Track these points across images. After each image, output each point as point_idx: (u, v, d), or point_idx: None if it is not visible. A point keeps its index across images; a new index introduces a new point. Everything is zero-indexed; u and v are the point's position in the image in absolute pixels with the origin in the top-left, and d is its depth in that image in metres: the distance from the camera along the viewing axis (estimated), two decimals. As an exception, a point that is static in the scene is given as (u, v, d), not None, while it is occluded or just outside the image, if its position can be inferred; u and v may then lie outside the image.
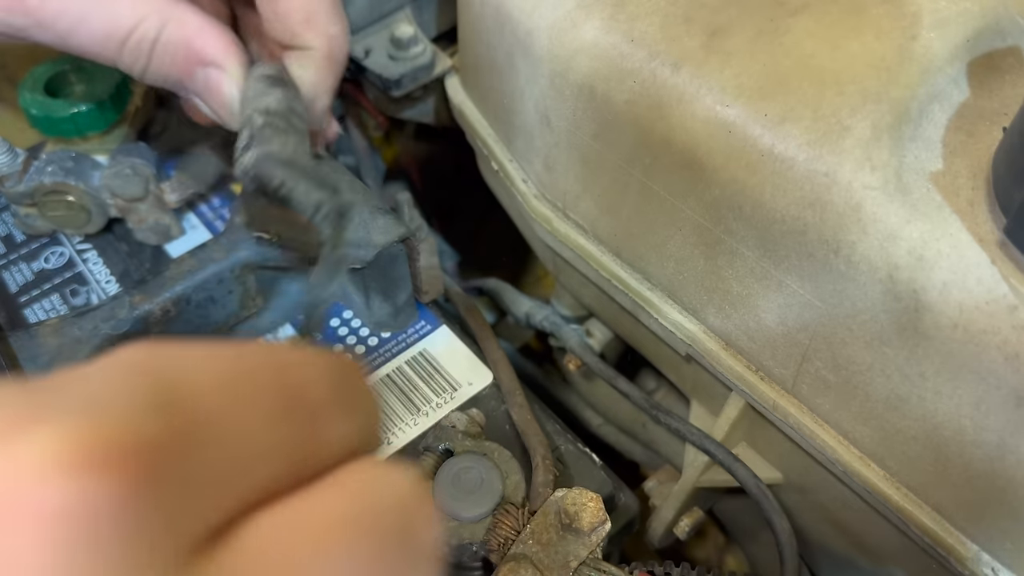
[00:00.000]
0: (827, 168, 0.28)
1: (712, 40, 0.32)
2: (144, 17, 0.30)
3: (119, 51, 0.30)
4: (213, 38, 0.31)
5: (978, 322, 0.25)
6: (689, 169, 0.32)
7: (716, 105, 0.31)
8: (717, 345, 0.35)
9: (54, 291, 0.40)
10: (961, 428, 0.27)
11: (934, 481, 0.30)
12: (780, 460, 0.38)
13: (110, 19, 0.30)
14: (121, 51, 0.30)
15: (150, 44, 0.30)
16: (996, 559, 0.29)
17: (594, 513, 0.30)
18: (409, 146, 0.58)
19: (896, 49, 0.29)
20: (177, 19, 0.30)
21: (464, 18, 0.43)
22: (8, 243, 0.41)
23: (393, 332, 0.39)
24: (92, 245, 0.41)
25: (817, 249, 0.29)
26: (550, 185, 0.40)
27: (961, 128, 0.28)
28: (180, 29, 0.30)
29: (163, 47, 0.30)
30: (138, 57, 0.31)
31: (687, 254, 0.34)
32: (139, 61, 0.31)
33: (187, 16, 0.30)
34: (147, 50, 0.30)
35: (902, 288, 0.27)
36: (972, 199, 0.27)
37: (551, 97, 0.36)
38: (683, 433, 0.38)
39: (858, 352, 0.29)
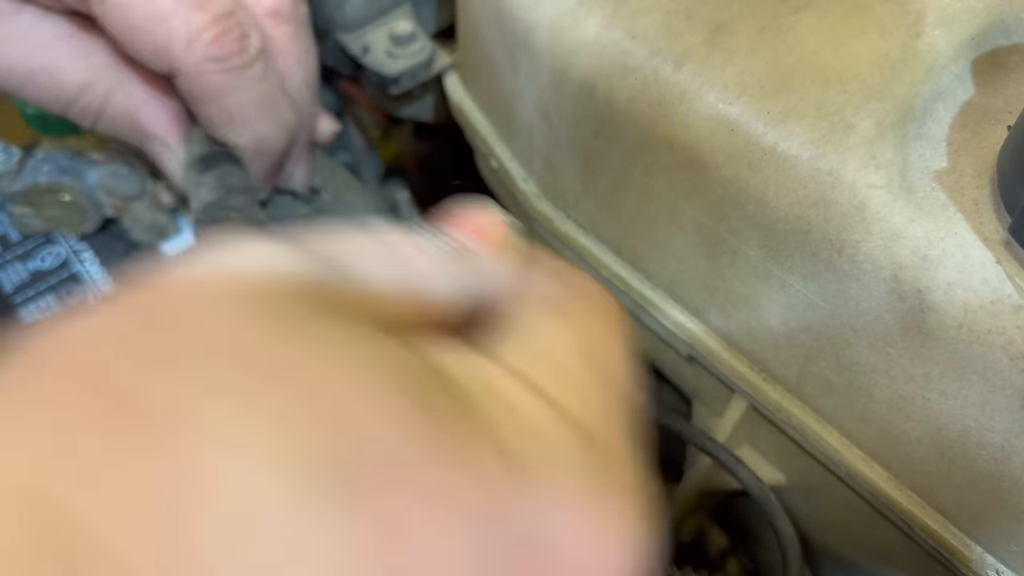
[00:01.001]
0: (831, 167, 0.28)
1: (714, 37, 0.32)
2: (89, 84, 0.30)
3: (67, 111, 0.31)
4: (156, 112, 0.31)
5: (983, 322, 0.25)
6: (691, 168, 0.32)
7: (718, 103, 0.30)
8: (719, 345, 0.35)
9: (49, 291, 0.39)
10: (966, 429, 0.27)
11: (938, 483, 0.30)
12: (783, 461, 0.37)
13: (55, 83, 0.30)
14: (68, 111, 0.31)
15: (96, 110, 0.31)
16: (1000, 561, 0.29)
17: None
18: (408, 144, 0.58)
19: (900, 47, 0.29)
20: (123, 89, 0.31)
21: (463, 15, 0.43)
22: (3, 243, 0.41)
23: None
24: (88, 245, 0.41)
25: (821, 248, 0.28)
26: (550, 184, 0.40)
27: (966, 126, 0.28)
28: (125, 101, 0.31)
29: (109, 115, 0.31)
30: (85, 117, 0.31)
31: (689, 253, 0.34)
32: (86, 121, 0.31)
33: (133, 87, 0.31)
34: (94, 114, 0.31)
35: (906, 288, 0.27)
36: (977, 198, 0.26)
37: (551, 95, 0.36)
38: (685, 435, 0.38)
39: (862, 352, 0.29)
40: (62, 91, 0.30)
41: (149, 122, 0.31)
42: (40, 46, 0.30)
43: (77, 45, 0.30)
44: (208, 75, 0.29)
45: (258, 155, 0.32)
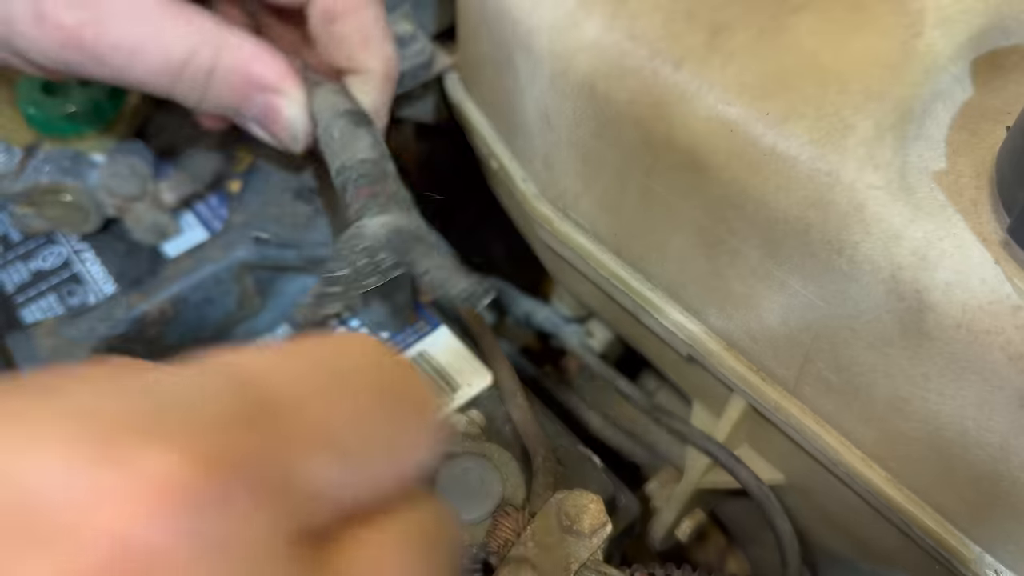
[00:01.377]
0: (830, 167, 0.28)
1: (714, 38, 0.32)
2: (197, 47, 0.30)
3: (174, 82, 0.30)
4: (270, 63, 0.31)
5: (982, 322, 0.25)
6: (691, 168, 0.32)
7: (718, 104, 0.30)
8: (719, 346, 0.35)
9: (51, 291, 0.39)
10: (964, 429, 0.27)
11: (937, 482, 0.30)
12: (782, 461, 0.37)
13: (163, 51, 0.29)
14: (176, 82, 0.30)
15: (205, 73, 0.30)
16: (999, 561, 0.29)
17: (595, 515, 0.30)
18: (408, 145, 0.58)
19: (899, 47, 0.29)
20: (231, 46, 0.30)
21: (464, 16, 0.43)
22: (4, 243, 0.41)
23: (393, 332, 0.39)
24: (89, 245, 0.41)
25: (820, 249, 0.29)
26: (550, 184, 0.40)
27: (964, 127, 0.28)
28: (235, 56, 0.30)
29: (219, 75, 0.30)
30: (194, 87, 0.30)
31: (688, 254, 0.34)
32: (195, 91, 0.30)
33: (241, 42, 0.30)
34: (203, 80, 0.30)
35: (905, 288, 0.27)
36: (975, 198, 0.26)
37: (551, 96, 0.36)
38: (684, 434, 0.38)
39: (861, 353, 0.29)
40: (170, 60, 0.29)
41: (263, 72, 0.30)
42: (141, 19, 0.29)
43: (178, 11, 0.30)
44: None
45: (386, 82, 0.33)
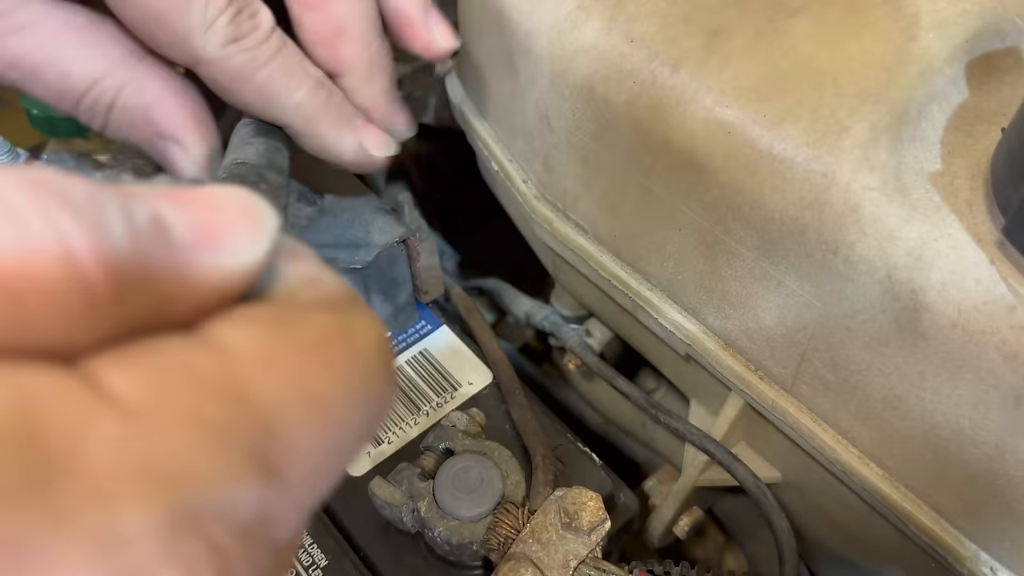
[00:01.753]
0: (826, 168, 0.28)
1: (711, 41, 0.32)
2: (99, 78, 0.28)
3: (74, 109, 0.28)
4: (172, 109, 0.28)
5: (977, 322, 0.26)
6: (688, 170, 0.32)
7: (715, 106, 0.31)
8: (716, 345, 0.35)
9: (55, 291, 0.40)
10: (960, 428, 0.28)
11: (933, 481, 0.30)
12: (779, 459, 0.38)
13: (62, 77, 0.28)
14: (76, 109, 0.28)
15: (105, 107, 0.28)
16: (995, 558, 0.29)
17: (594, 512, 0.30)
18: (409, 146, 0.58)
19: (895, 50, 0.29)
20: (135, 83, 0.28)
21: (464, 19, 0.43)
22: (9, 243, 0.41)
23: (393, 332, 0.39)
24: (93, 245, 0.41)
25: (816, 249, 0.29)
26: (550, 185, 0.40)
27: (960, 129, 0.28)
28: (137, 96, 0.28)
29: (119, 112, 0.28)
30: (94, 117, 0.29)
31: (686, 254, 0.35)
32: (95, 121, 0.29)
33: (147, 81, 0.28)
34: (103, 112, 0.28)
35: (901, 288, 0.27)
36: (970, 199, 0.27)
37: (551, 98, 0.36)
38: (682, 432, 0.38)
39: (857, 352, 0.29)
40: (71, 84, 0.28)
41: (164, 118, 0.28)
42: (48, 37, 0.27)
43: (88, 36, 0.28)
44: (231, 59, 0.28)
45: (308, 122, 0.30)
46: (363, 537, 0.33)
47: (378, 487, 0.32)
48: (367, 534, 0.33)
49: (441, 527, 0.31)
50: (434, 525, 0.31)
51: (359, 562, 0.33)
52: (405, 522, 0.32)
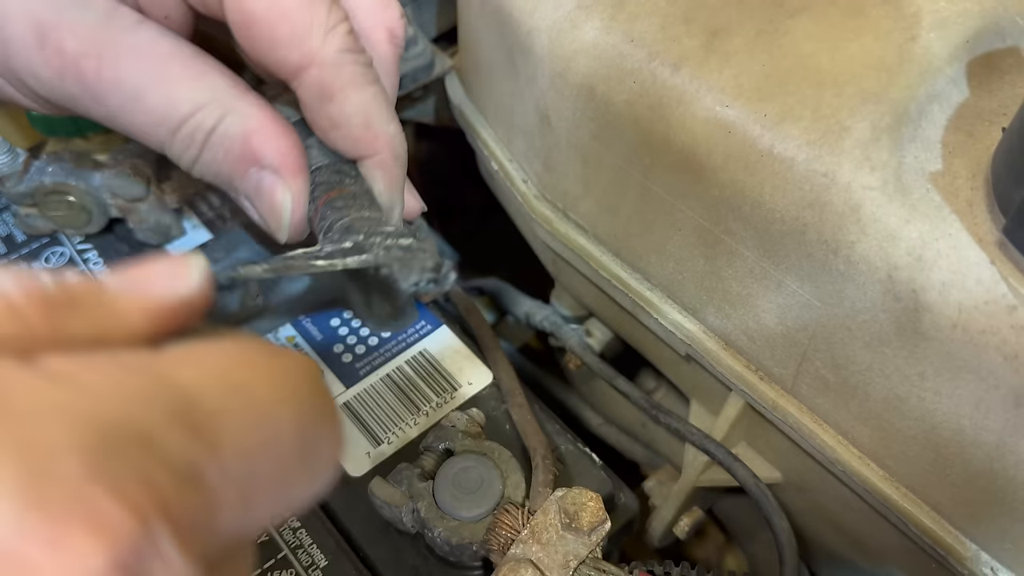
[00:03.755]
0: (826, 168, 0.28)
1: (712, 41, 0.32)
2: (204, 105, 0.27)
3: (171, 137, 0.28)
4: (274, 138, 0.28)
5: (977, 322, 0.26)
6: (688, 169, 0.32)
7: (716, 105, 0.31)
8: (716, 345, 0.35)
9: (55, 291, 0.40)
10: (960, 428, 0.28)
11: (933, 481, 0.30)
12: (779, 460, 0.38)
13: (167, 101, 0.27)
14: (173, 138, 0.28)
15: (205, 134, 0.28)
16: (995, 558, 0.29)
17: (594, 513, 0.30)
18: (409, 146, 0.58)
19: (895, 50, 0.29)
20: (239, 112, 0.28)
21: (464, 18, 0.43)
22: (8, 243, 0.41)
23: (393, 332, 0.39)
24: (93, 245, 0.41)
25: (816, 249, 0.29)
26: (550, 185, 0.40)
27: (960, 128, 0.28)
28: (240, 123, 0.28)
29: (218, 139, 0.28)
30: (189, 146, 0.28)
31: (687, 254, 0.35)
32: (190, 151, 0.28)
33: (251, 110, 0.28)
34: (201, 140, 0.28)
35: (901, 288, 0.27)
36: (971, 199, 0.27)
37: (551, 97, 0.36)
38: (683, 433, 0.38)
39: (857, 352, 0.29)
40: (171, 112, 0.27)
41: (264, 146, 0.28)
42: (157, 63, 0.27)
43: (195, 66, 0.27)
44: (346, 66, 0.28)
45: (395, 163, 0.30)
46: (363, 537, 0.33)
47: (378, 487, 0.32)
48: (367, 534, 0.33)
49: (441, 527, 0.31)
50: (434, 525, 0.31)
51: (359, 562, 0.33)
52: (405, 522, 0.32)
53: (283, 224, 0.29)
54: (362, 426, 0.36)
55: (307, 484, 0.17)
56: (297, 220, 0.29)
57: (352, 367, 0.38)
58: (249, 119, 0.28)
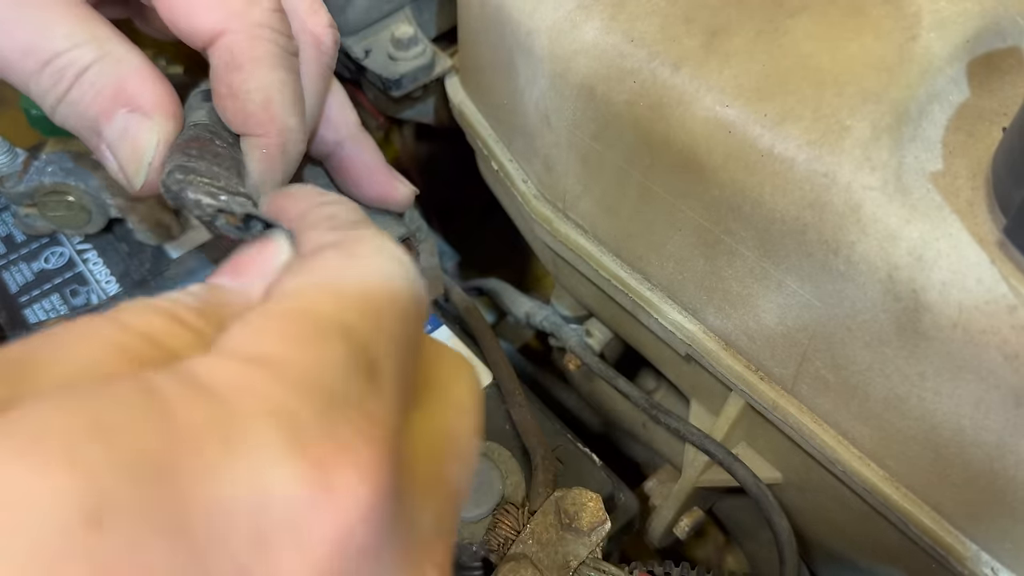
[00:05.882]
0: (826, 168, 0.28)
1: (712, 41, 0.32)
2: (81, 43, 0.27)
3: (38, 70, 0.27)
4: (151, 82, 0.27)
5: (977, 322, 0.25)
6: (689, 169, 0.32)
7: (716, 105, 0.31)
8: (717, 345, 0.35)
9: (54, 291, 0.40)
10: (960, 428, 0.28)
11: (934, 481, 0.30)
12: (780, 460, 0.38)
13: (41, 33, 0.26)
14: (41, 71, 0.27)
15: (77, 72, 0.27)
16: (996, 558, 0.29)
17: (594, 513, 0.30)
18: (409, 146, 0.58)
19: (896, 50, 0.29)
20: (117, 55, 0.27)
21: (464, 18, 0.43)
22: (8, 243, 0.41)
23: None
24: (92, 245, 0.41)
25: (816, 249, 0.29)
26: (550, 185, 0.40)
27: (961, 128, 0.28)
28: (115, 65, 0.27)
29: (91, 78, 0.27)
30: (57, 83, 0.27)
31: (687, 254, 0.35)
32: (57, 87, 0.27)
33: (129, 55, 0.27)
34: (71, 77, 0.27)
35: (901, 288, 0.27)
36: (972, 199, 0.27)
37: (551, 97, 0.36)
38: (683, 433, 0.38)
39: (857, 352, 0.29)
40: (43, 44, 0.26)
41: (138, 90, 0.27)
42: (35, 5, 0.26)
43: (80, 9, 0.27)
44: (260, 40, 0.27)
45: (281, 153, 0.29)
46: (363, 537, 0.33)
47: (378, 487, 0.32)
48: (367, 534, 0.33)
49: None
50: (434, 525, 0.31)
51: (359, 562, 0.33)
52: (405, 522, 0.32)
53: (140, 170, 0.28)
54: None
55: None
56: (156, 166, 0.27)
57: (352, 367, 0.38)
58: (125, 63, 0.27)
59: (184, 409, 0.13)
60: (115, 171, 0.28)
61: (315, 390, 0.14)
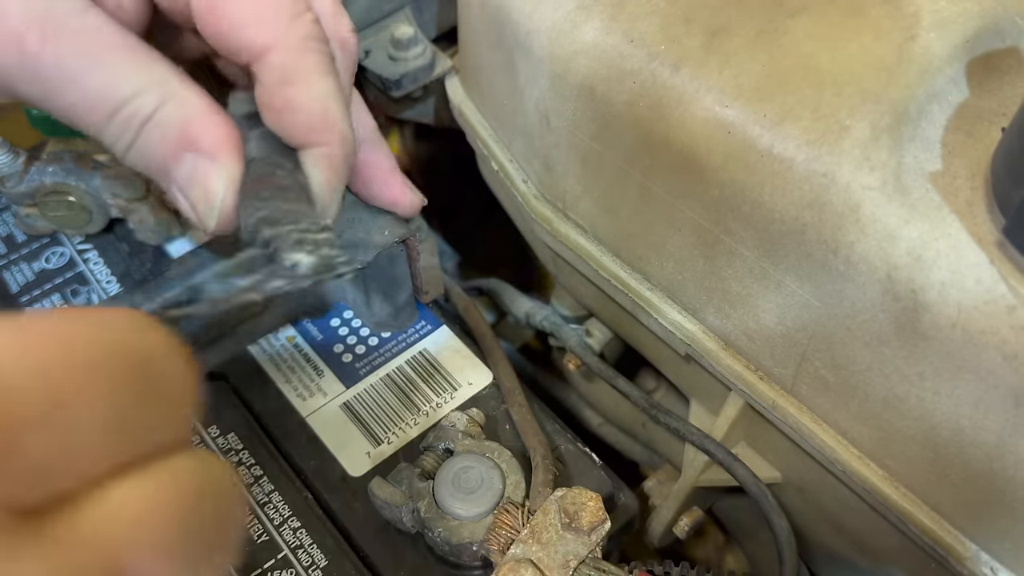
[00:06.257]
0: (826, 168, 0.28)
1: (711, 41, 0.32)
2: (144, 90, 0.27)
3: (107, 121, 0.27)
4: (213, 125, 0.28)
5: (977, 322, 0.26)
6: (688, 169, 0.32)
7: (715, 106, 0.31)
8: (716, 345, 0.35)
9: (55, 291, 0.40)
10: (960, 428, 0.28)
11: (933, 481, 0.30)
12: (779, 459, 0.38)
13: (106, 84, 0.27)
14: (109, 122, 0.27)
15: (142, 120, 0.27)
16: (995, 558, 0.29)
17: (594, 512, 0.30)
18: (409, 146, 0.58)
19: (895, 50, 0.29)
20: (179, 98, 0.27)
21: (464, 19, 0.43)
22: (9, 243, 0.42)
23: (393, 332, 0.39)
24: (93, 245, 0.41)
25: (816, 249, 0.29)
26: (550, 185, 0.40)
27: (960, 128, 0.28)
28: (179, 109, 0.27)
29: (156, 125, 0.27)
30: (125, 131, 0.27)
31: (686, 254, 0.35)
32: (126, 135, 0.28)
33: (191, 98, 0.28)
34: (137, 125, 0.27)
35: (901, 288, 0.27)
36: (971, 199, 0.27)
37: (551, 98, 0.36)
38: (682, 433, 0.38)
39: (857, 352, 0.29)
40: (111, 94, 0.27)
41: (202, 132, 0.27)
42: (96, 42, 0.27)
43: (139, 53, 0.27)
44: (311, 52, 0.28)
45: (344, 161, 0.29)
46: (363, 537, 0.33)
47: (378, 487, 0.32)
48: (367, 534, 0.33)
49: (441, 527, 0.31)
50: (434, 525, 0.31)
51: (359, 562, 0.33)
52: (405, 522, 0.32)
53: (212, 211, 0.28)
54: (362, 426, 0.36)
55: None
56: (227, 207, 0.28)
57: (352, 367, 0.38)
58: (188, 106, 0.27)
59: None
60: (188, 212, 0.29)
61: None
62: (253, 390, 0.37)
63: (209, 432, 0.36)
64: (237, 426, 0.36)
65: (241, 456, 0.35)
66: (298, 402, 0.37)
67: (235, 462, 0.35)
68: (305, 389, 0.38)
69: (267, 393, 0.37)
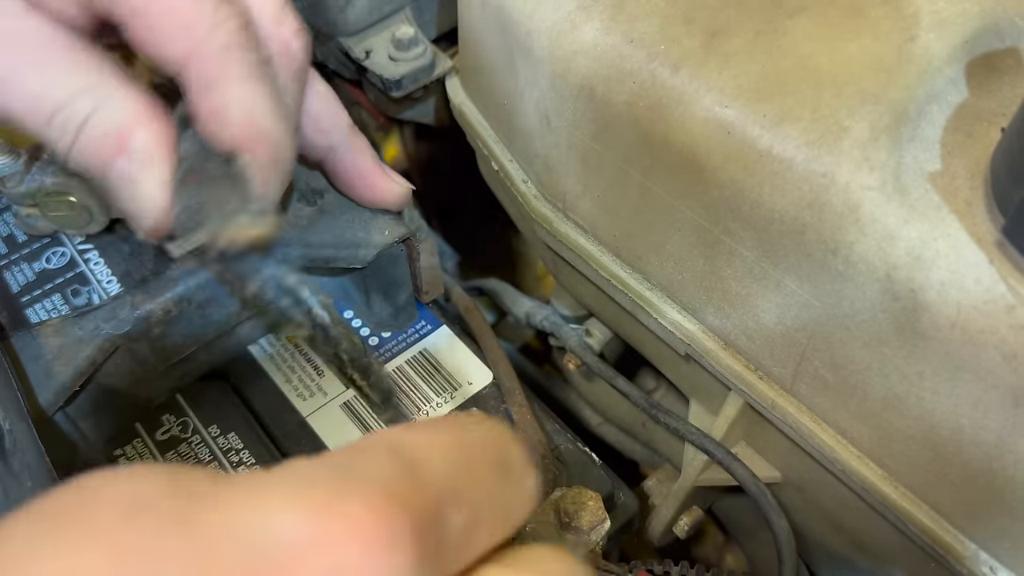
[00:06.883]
0: (825, 169, 0.28)
1: (711, 41, 0.32)
2: (80, 92, 0.27)
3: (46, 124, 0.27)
4: (145, 127, 0.28)
5: (976, 322, 0.26)
6: (688, 170, 0.32)
7: (715, 106, 0.31)
8: (716, 345, 0.36)
9: (56, 291, 0.40)
10: (959, 427, 0.28)
11: (932, 480, 0.30)
12: (779, 459, 0.38)
13: (45, 86, 0.27)
14: (48, 125, 0.27)
15: (78, 124, 0.27)
16: (994, 557, 0.29)
17: (594, 512, 0.30)
18: (409, 146, 0.58)
19: (894, 50, 0.29)
20: (113, 102, 0.27)
21: (465, 19, 0.43)
22: (10, 243, 0.42)
23: (393, 332, 0.40)
24: (94, 245, 0.41)
25: (815, 249, 0.29)
26: (550, 185, 0.40)
27: (959, 129, 0.28)
28: (113, 115, 0.27)
29: (91, 128, 0.27)
30: (64, 134, 0.27)
31: (686, 254, 0.35)
32: (64, 139, 0.28)
33: (125, 101, 0.28)
34: (74, 129, 0.27)
35: (900, 288, 0.27)
36: (970, 199, 0.27)
37: (551, 98, 0.37)
38: (682, 432, 0.38)
39: (856, 352, 0.29)
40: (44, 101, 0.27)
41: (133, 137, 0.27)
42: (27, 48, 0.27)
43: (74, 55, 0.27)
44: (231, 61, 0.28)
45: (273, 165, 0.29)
46: (363, 537, 0.33)
47: (378, 487, 0.32)
48: (367, 534, 0.33)
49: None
50: (434, 525, 0.31)
51: (359, 562, 0.33)
52: (405, 522, 0.32)
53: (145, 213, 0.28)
54: (363, 426, 0.36)
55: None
56: (160, 207, 0.28)
57: (352, 367, 0.38)
58: (122, 111, 0.27)
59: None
60: (126, 214, 0.29)
61: (340, 466, 0.15)
62: (253, 390, 0.38)
63: (209, 432, 0.36)
64: (237, 426, 0.36)
65: (241, 456, 0.35)
66: (298, 402, 0.37)
67: (235, 462, 0.35)
68: (305, 389, 0.38)
69: (267, 393, 0.37)
